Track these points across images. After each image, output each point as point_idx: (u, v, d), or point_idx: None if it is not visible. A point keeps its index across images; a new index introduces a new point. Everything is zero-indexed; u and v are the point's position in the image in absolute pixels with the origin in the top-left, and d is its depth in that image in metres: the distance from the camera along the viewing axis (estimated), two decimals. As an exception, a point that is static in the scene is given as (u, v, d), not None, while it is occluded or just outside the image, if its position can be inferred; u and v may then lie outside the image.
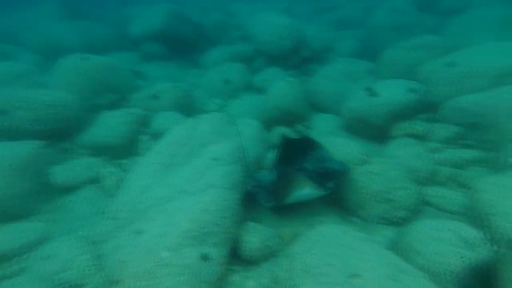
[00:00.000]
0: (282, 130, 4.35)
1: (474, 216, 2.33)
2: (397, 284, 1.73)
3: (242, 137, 3.70)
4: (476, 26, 6.79)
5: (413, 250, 2.16)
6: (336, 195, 3.03)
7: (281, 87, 4.60)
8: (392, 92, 4.13)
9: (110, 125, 4.14)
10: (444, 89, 4.12)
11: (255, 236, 2.53)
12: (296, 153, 3.16)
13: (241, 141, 3.26)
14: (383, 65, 5.52)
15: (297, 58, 6.13)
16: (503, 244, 1.89)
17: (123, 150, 4.05)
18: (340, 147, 3.35)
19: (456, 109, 3.70)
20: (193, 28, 6.87)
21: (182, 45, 6.87)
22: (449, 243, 2.05)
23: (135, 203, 2.86)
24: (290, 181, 2.59)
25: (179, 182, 2.96)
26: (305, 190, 2.62)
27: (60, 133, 3.93)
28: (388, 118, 3.91)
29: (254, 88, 5.79)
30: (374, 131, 4.01)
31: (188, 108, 4.83)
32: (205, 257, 2.20)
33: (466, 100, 3.64)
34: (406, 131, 3.77)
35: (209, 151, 3.31)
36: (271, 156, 3.85)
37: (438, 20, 7.80)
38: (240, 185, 2.98)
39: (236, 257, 2.50)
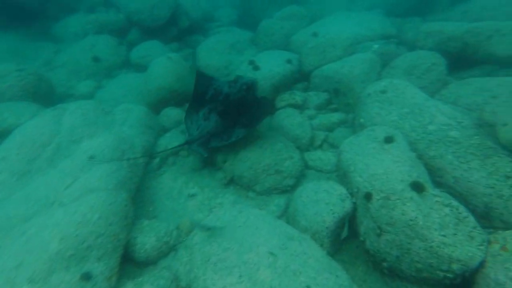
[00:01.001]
0: (172, 112, 4.08)
1: (341, 174, 2.80)
2: (285, 252, 1.95)
3: (124, 125, 3.26)
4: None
5: (298, 214, 2.46)
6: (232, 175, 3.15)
7: (163, 65, 4.18)
8: (272, 64, 4.36)
9: None
10: (312, 59, 4.60)
11: (150, 235, 2.38)
12: (206, 89, 3.40)
13: None
14: (262, 35, 5.70)
15: (176, 29, 5.61)
16: (358, 196, 2.37)
17: None
18: (231, 125, 3.39)
19: (322, 77, 4.22)
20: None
21: (18, 9, 5.22)
22: (324, 202, 2.41)
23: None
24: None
25: (44, 193, 2.42)
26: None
27: None
28: (272, 91, 4.15)
29: (132, 65, 5.07)
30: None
31: (45, 96, 3.84)
32: (86, 277, 1.93)
33: (328, 68, 4.18)
34: (288, 102, 4.09)
35: (83, 148, 2.80)
36: (162, 143, 3.60)
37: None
38: (128, 182, 2.68)
39: (131, 261, 2.32)
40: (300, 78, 4.63)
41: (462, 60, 3.68)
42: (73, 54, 4.78)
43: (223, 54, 5.24)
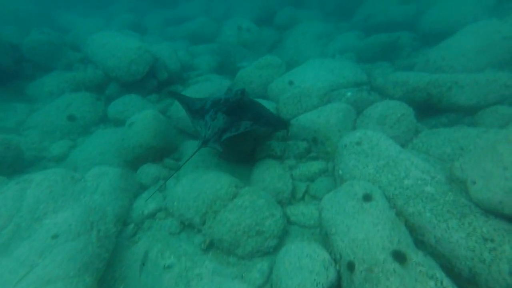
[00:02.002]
0: (150, 169, 3.98)
1: (323, 233, 2.72)
2: None
3: (96, 193, 3.12)
4: (303, 40, 8.16)
5: (282, 284, 2.32)
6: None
7: (141, 122, 4.13)
8: (251, 116, 4.41)
9: None
10: (290, 108, 4.72)
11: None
12: (203, 104, 3.83)
13: None
14: (241, 84, 5.87)
15: (155, 81, 5.70)
16: (341, 263, 2.28)
17: None
18: (210, 183, 3.32)
19: (300, 127, 4.30)
20: (3, 51, 5.23)
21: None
22: (307, 270, 2.30)
23: None
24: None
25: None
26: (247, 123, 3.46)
27: None
28: (252, 142, 4.14)
29: (110, 120, 5.01)
30: (243, 155, 4.18)
31: (12, 164, 3.64)
32: None
33: (305, 118, 4.27)
34: (266, 152, 4.10)
35: (46, 226, 2.57)
36: (138, 205, 3.46)
37: (277, 33, 9.00)
38: (96, 261, 2.46)
39: None
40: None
41: (430, 108, 3.88)
42: (47, 114, 4.66)
43: (202, 105, 5.29)
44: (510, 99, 3.49)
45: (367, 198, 2.62)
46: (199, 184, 3.33)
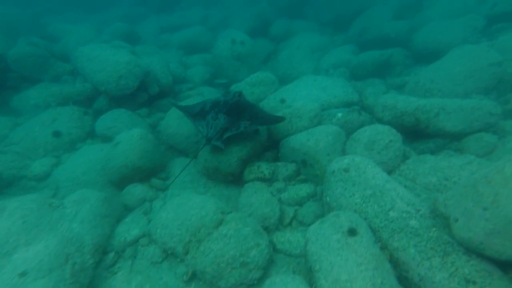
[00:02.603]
0: (136, 190, 3.90)
1: (307, 267, 2.67)
2: None
3: (75, 221, 3.02)
4: (297, 54, 8.15)
5: (263, 324, 2.27)
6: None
7: (127, 141, 4.05)
8: (239, 138, 4.36)
9: None
10: (280, 128, 4.66)
11: None
12: (203, 106, 4.14)
13: None
14: (233, 100, 5.81)
15: (146, 95, 5.61)
16: (325, 306, 2.24)
17: None
18: (196, 210, 3.25)
19: (289, 148, 4.26)
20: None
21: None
22: (289, 310, 2.24)
23: None
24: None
25: None
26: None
27: None
28: (240, 165, 4.08)
29: (98, 136, 4.91)
30: (230, 177, 4.12)
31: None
32: None
33: (294, 140, 4.22)
34: (255, 175, 4.04)
35: (15, 263, 2.39)
36: (120, 230, 3.36)
37: (272, 44, 9.01)
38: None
39: None
40: (269, 146, 4.64)
41: (418, 132, 3.88)
42: (30, 130, 4.53)
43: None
44: (495, 127, 3.52)
45: (352, 232, 2.59)
46: (184, 210, 3.26)
